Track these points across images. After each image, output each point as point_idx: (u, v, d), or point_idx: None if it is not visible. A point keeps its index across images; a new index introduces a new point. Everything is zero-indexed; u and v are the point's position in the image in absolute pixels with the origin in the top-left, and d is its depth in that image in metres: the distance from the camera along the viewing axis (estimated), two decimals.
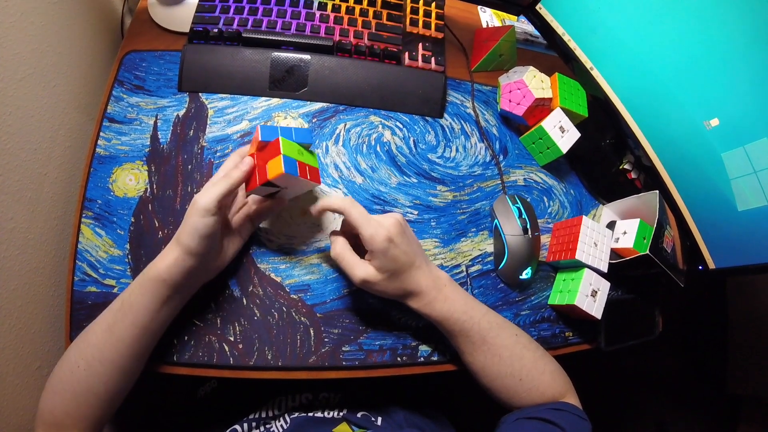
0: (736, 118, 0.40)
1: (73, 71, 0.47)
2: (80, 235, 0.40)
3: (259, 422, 0.41)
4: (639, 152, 0.49)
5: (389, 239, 0.33)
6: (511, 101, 0.50)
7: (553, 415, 0.36)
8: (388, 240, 0.33)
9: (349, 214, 0.34)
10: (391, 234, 0.34)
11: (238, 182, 0.34)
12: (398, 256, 0.34)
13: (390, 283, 0.35)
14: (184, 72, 0.45)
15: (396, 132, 0.49)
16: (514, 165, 0.52)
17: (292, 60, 0.46)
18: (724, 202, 0.43)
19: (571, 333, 0.47)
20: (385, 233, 0.33)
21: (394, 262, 0.34)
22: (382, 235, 0.33)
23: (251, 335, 0.39)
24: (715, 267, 0.47)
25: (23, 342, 0.39)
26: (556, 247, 0.47)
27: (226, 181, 0.33)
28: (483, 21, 0.63)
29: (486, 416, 0.42)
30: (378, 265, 0.34)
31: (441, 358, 0.42)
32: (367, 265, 0.35)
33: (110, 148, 0.43)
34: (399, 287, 0.35)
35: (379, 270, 0.34)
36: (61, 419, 0.32)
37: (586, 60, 0.49)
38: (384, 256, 0.34)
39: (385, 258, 0.34)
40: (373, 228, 0.33)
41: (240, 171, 0.34)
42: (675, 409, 1.05)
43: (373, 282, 0.35)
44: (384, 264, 0.34)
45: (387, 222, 0.34)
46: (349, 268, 0.35)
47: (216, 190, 0.32)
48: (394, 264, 0.34)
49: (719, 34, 0.38)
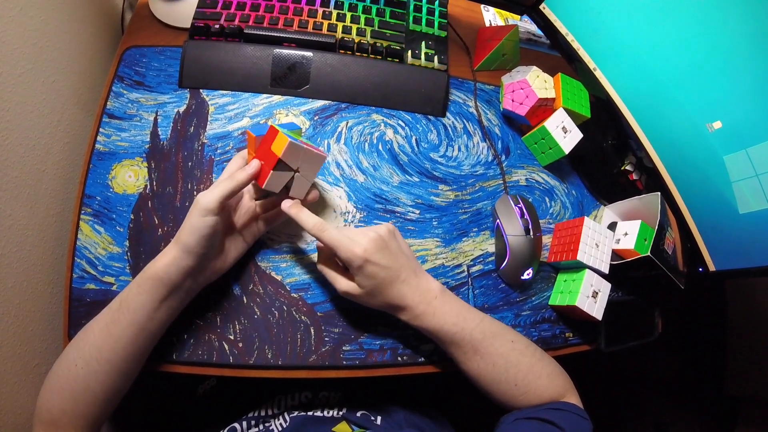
0: (739, 121, 0.40)
1: (73, 67, 0.46)
2: (79, 231, 0.39)
3: (258, 421, 0.41)
4: (641, 154, 0.49)
5: (364, 259, 0.34)
6: (514, 101, 0.50)
7: (553, 414, 0.36)
8: (362, 259, 0.34)
9: (320, 238, 0.35)
10: (368, 252, 0.34)
11: (242, 184, 0.34)
12: (376, 272, 0.34)
13: (372, 298, 0.36)
14: (185, 68, 0.45)
15: (398, 130, 0.49)
16: (516, 165, 0.52)
17: (294, 57, 0.46)
18: (726, 205, 0.43)
19: (571, 334, 0.47)
20: (360, 252, 0.33)
21: (372, 278, 0.34)
22: (357, 255, 0.33)
23: (251, 334, 0.39)
24: (716, 269, 0.47)
25: (21, 339, 0.39)
26: (558, 247, 0.47)
27: (230, 182, 0.33)
28: (486, 20, 0.62)
29: (485, 416, 0.41)
30: (358, 281, 0.35)
31: (441, 358, 0.42)
32: (347, 280, 0.36)
33: (110, 144, 0.42)
34: (382, 302, 0.36)
35: (359, 285, 0.35)
36: (58, 417, 0.32)
37: (590, 60, 0.48)
38: (361, 274, 0.34)
39: (363, 276, 0.34)
40: (347, 248, 0.34)
41: (246, 173, 0.34)
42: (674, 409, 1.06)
43: (354, 296, 0.36)
44: (362, 281, 0.35)
45: (364, 240, 0.34)
46: (331, 280, 0.37)
47: (219, 190, 0.32)
48: (373, 280, 0.34)
49: (722, 37, 0.38)
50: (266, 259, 0.41)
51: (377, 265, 0.34)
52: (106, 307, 0.33)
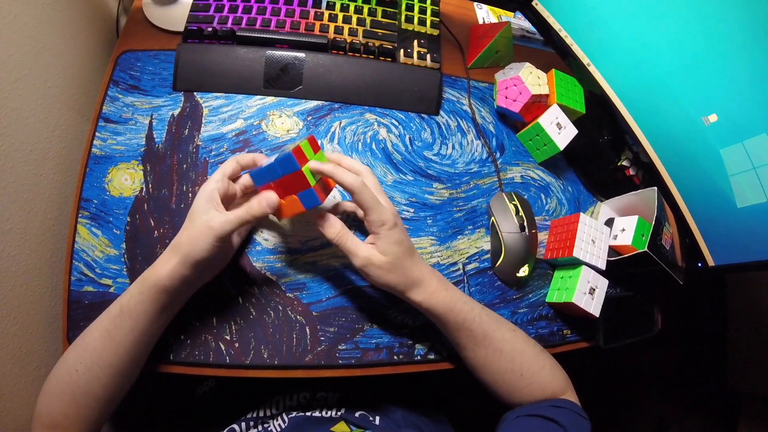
0: (735, 114, 0.39)
1: (68, 72, 0.47)
2: (77, 235, 0.40)
3: (257, 421, 0.41)
4: (637, 149, 0.48)
5: (395, 223, 0.33)
6: (508, 98, 0.50)
7: (554, 412, 0.36)
8: (394, 222, 0.33)
9: (359, 194, 0.32)
10: (397, 218, 0.34)
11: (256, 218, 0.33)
12: (403, 240, 0.34)
13: (391, 270, 0.34)
14: (179, 71, 0.45)
15: (391, 129, 0.49)
16: (511, 162, 0.52)
17: (287, 58, 0.46)
18: (723, 199, 0.42)
19: (569, 331, 0.47)
20: (391, 216, 0.33)
21: (398, 245, 0.34)
22: (389, 218, 0.33)
23: (247, 334, 0.39)
24: (715, 264, 0.46)
25: (20, 341, 0.40)
26: (554, 244, 0.47)
27: (247, 215, 0.32)
28: (479, 17, 0.62)
29: (484, 415, 0.41)
30: (382, 248, 0.33)
31: (438, 357, 0.42)
32: (370, 246, 0.34)
33: (106, 147, 0.43)
34: (401, 275, 0.34)
35: (383, 253, 0.33)
36: (59, 420, 0.32)
37: (583, 56, 0.48)
38: (389, 239, 0.33)
39: (390, 241, 0.33)
40: (382, 211, 0.33)
41: (262, 209, 0.33)
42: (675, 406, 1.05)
43: (376, 265, 0.33)
44: (388, 247, 0.33)
45: (390, 206, 0.34)
46: (352, 248, 0.34)
47: (234, 220, 0.32)
48: (398, 248, 0.34)
49: (717, 29, 0.38)
50: (261, 259, 0.41)
51: (403, 232, 0.34)
52: (104, 313, 0.33)
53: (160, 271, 0.32)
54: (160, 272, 0.32)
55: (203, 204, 0.32)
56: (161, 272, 0.32)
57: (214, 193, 0.33)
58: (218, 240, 0.31)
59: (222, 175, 0.34)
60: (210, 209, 0.32)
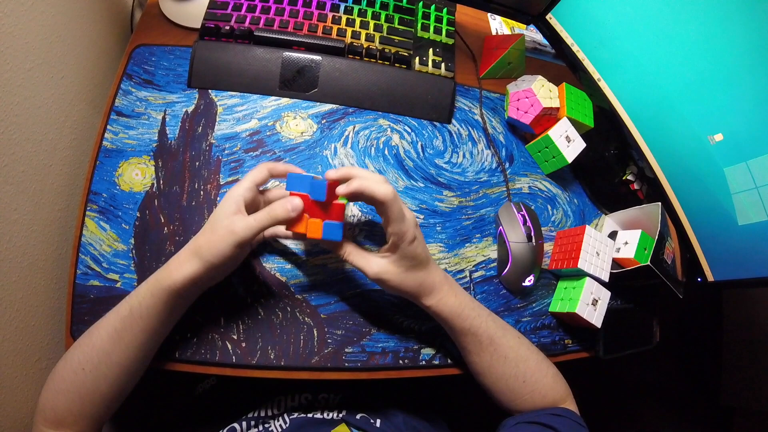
0: (740, 134, 0.40)
1: (82, 63, 0.46)
2: (84, 228, 0.39)
3: (257, 421, 0.41)
4: (642, 164, 0.49)
5: (414, 236, 0.33)
6: (519, 109, 0.51)
7: (553, 420, 0.36)
8: (413, 237, 0.33)
9: (389, 206, 0.31)
10: (417, 230, 0.34)
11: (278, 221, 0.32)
12: (419, 254, 0.34)
13: (406, 278, 0.34)
14: (194, 68, 0.45)
15: (404, 136, 0.49)
16: (520, 173, 0.52)
17: (303, 60, 0.46)
18: (725, 216, 0.43)
19: (570, 340, 0.47)
20: (412, 229, 0.33)
21: (414, 258, 0.34)
22: (409, 232, 0.33)
23: (255, 334, 0.39)
24: (714, 279, 0.47)
25: (23, 334, 0.39)
26: (559, 255, 0.48)
27: (268, 218, 0.31)
28: (493, 28, 0.63)
29: (484, 421, 0.42)
30: (397, 259, 0.34)
31: (442, 362, 0.42)
32: (380, 259, 0.34)
33: (117, 141, 0.43)
34: (415, 281, 0.35)
35: (397, 264, 0.34)
36: (63, 416, 0.32)
37: (594, 71, 0.49)
38: (404, 253, 0.33)
39: (405, 254, 0.33)
40: (404, 225, 0.33)
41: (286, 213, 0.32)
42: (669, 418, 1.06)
43: (388, 277, 0.34)
44: (403, 261, 0.34)
45: (412, 217, 0.34)
46: (362, 265, 0.34)
47: (256, 226, 0.31)
48: (415, 260, 0.34)
49: (725, 51, 0.39)
50: (271, 261, 0.41)
51: (422, 243, 0.34)
52: (111, 312, 0.33)
53: (175, 274, 0.31)
54: (175, 275, 0.31)
55: (227, 209, 0.32)
56: (176, 275, 0.31)
57: (240, 199, 0.32)
58: (239, 245, 0.31)
59: (251, 183, 0.33)
60: (232, 214, 0.32)
